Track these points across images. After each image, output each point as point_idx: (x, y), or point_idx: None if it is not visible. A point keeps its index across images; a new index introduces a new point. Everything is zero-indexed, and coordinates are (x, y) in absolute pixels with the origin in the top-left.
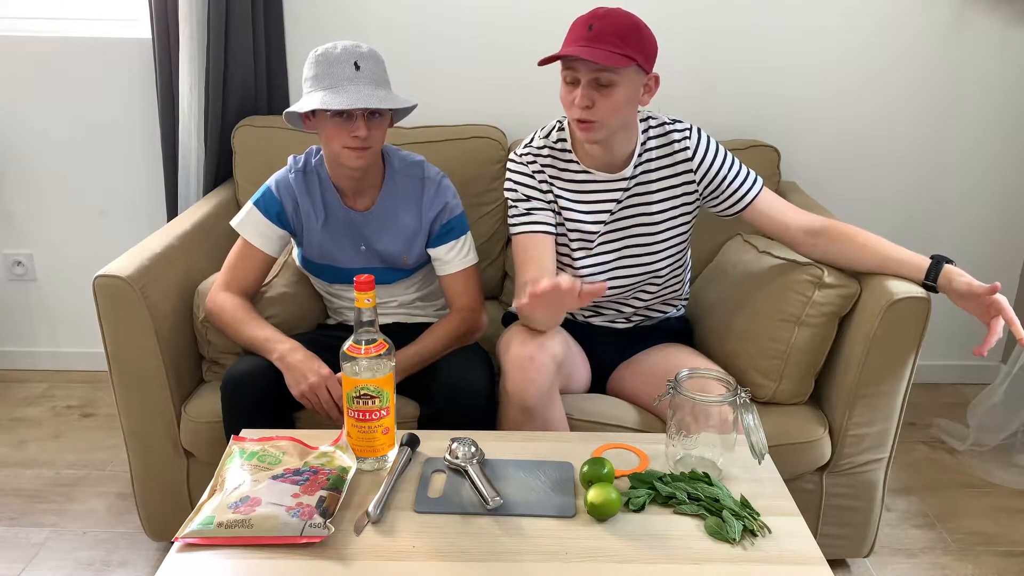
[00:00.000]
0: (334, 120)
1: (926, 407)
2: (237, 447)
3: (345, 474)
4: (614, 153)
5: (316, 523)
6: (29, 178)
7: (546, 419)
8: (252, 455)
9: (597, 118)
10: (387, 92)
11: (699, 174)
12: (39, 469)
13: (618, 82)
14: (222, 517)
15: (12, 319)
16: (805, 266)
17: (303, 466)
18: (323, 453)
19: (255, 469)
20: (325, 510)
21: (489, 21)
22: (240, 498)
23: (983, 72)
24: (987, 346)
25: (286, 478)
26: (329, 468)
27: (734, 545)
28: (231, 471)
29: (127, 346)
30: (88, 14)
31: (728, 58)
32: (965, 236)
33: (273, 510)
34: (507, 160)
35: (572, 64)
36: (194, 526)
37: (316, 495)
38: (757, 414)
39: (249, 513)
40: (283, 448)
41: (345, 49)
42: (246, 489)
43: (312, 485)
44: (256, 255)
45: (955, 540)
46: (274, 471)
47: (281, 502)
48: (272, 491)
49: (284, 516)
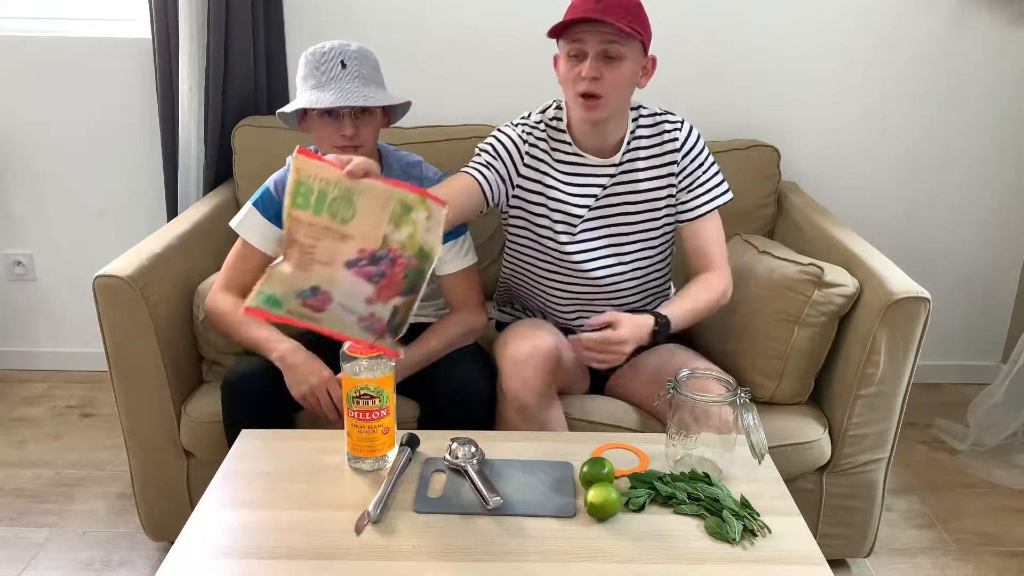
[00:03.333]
0: (322, 120)
1: (926, 407)
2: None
3: (426, 262)
4: (607, 137)
5: (387, 342)
6: (29, 178)
7: (543, 419)
8: (321, 202)
9: (604, 92)
10: (374, 90)
11: (681, 165)
12: (39, 469)
13: (625, 56)
14: (290, 304)
15: (12, 319)
16: (805, 266)
17: (381, 248)
18: (405, 215)
19: (325, 232)
20: (397, 325)
21: (488, 21)
22: (310, 288)
23: (983, 72)
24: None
25: (361, 267)
26: (409, 254)
27: (734, 545)
28: (300, 225)
29: (127, 346)
30: (88, 14)
31: (728, 58)
32: (965, 236)
33: (344, 316)
34: (499, 127)
35: (580, 36)
36: (261, 302)
37: (390, 304)
38: (757, 414)
39: (318, 312)
40: (352, 186)
41: (333, 48)
42: (317, 275)
43: (388, 285)
44: (256, 255)
45: (955, 540)
46: (346, 248)
47: (353, 307)
48: (344, 288)
49: (355, 327)
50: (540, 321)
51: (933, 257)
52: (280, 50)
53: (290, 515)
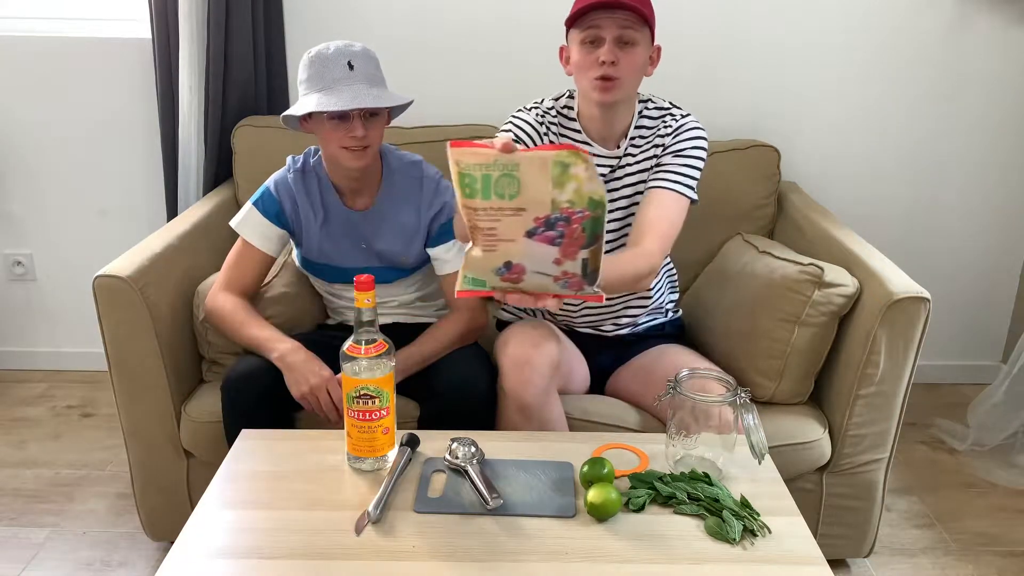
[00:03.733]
0: (331, 122)
1: (926, 407)
2: (458, 170)
3: (598, 209)
4: (614, 125)
5: (588, 291)
6: (29, 178)
7: (544, 419)
8: (487, 186)
9: (620, 76)
10: (382, 90)
11: (664, 146)
12: (39, 469)
13: (639, 41)
14: (492, 281)
15: (12, 319)
16: (805, 266)
17: (553, 211)
18: (565, 174)
19: (499, 212)
20: (592, 273)
21: (488, 21)
22: (503, 264)
23: (984, 72)
24: None
25: (540, 234)
26: (580, 209)
27: (734, 545)
28: (477, 212)
29: (127, 346)
30: (88, 14)
31: (729, 58)
32: (965, 236)
33: (540, 280)
34: (514, 112)
35: (596, 22)
36: (469, 285)
37: (578, 259)
38: (757, 414)
39: (518, 281)
40: (508, 161)
41: (338, 49)
42: (505, 252)
43: (570, 243)
44: (256, 255)
45: (955, 540)
46: (523, 219)
47: (546, 271)
48: (531, 256)
49: (554, 286)
50: (540, 321)
51: (933, 257)
52: (280, 50)
53: (290, 515)
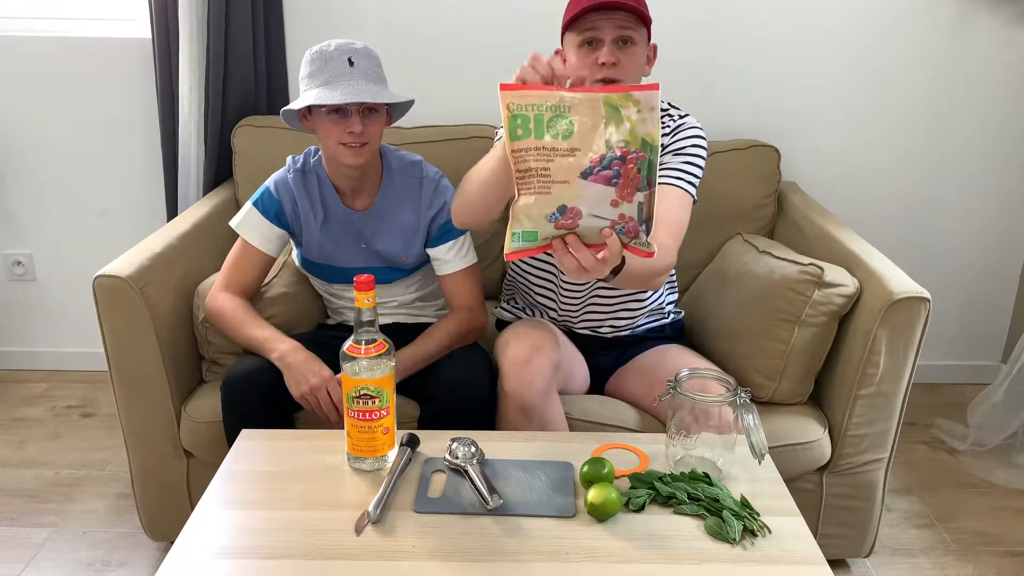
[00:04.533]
0: (330, 117)
1: (926, 407)
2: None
3: (652, 152)
4: None
5: (642, 242)
6: (29, 178)
7: (544, 420)
8: (540, 126)
9: (620, 76)
10: (382, 88)
11: (665, 147)
12: (39, 469)
13: (638, 40)
14: (545, 230)
15: (12, 319)
16: (805, 266)
17: (608, 150)
18: (617, 115)
19: (552, 152)
20: (647, 220)
21: (488, 21)
22: (557, 208)
23: (983, 72)
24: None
25: (596, 174)
26: (635, 148)
27: (734, 545)
28: (528, 152)
29: (127, 346)
30: (88, 14)
31: (729, 58)
32: (965, 236)
33: (598, 223)
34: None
35: (595, 24)
36: (519, 242)
37: (635, 202)
38: (757, 414)
39: (574, 226)
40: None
41: (339, 46)
42: (559, 194)
43: (626, 184)
44: (256, 255)
45: (955, 540)
46: (577, 160)
47: (603, 214)
48: (588, 198)
49: (612, 232)
50: (540, 321)
51: (933, 257)
52: (280, 50)
53: (290, 515)
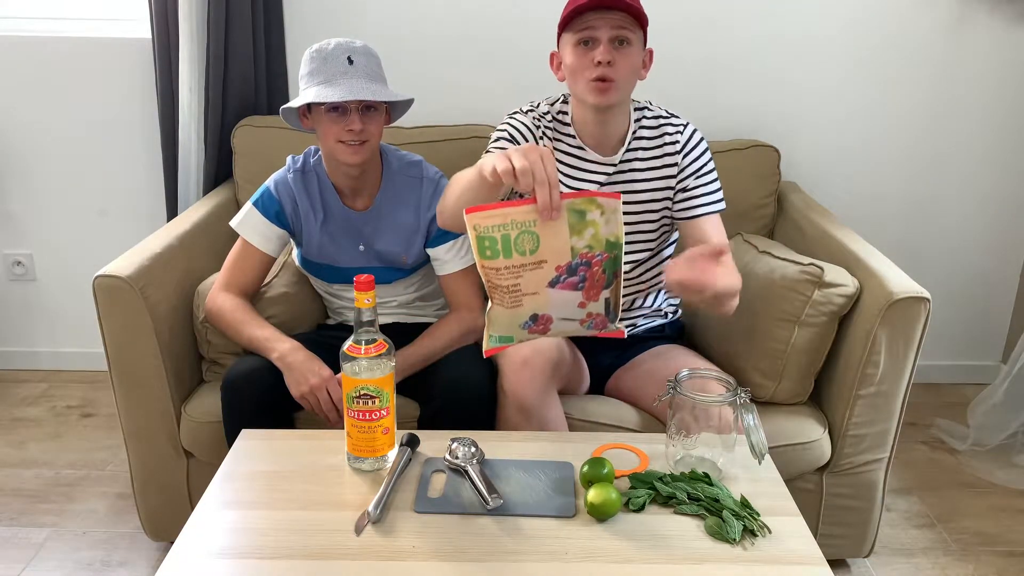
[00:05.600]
0: (329, 115)
1: (926, 407)
2: (476, 234)
3: (616, 250)
4: (609, 131)
5: (611, 328)
6: (29, 178)
7: (544, 419)
8: (507, 246)
9: (616, 77)
10: (381, 86)
11: (680, 165)
12: (39, 469)
13: (634, 41)
14: (519, 335)
15: (12, 319)
16: (805, 266)
17: (573, 258)
18: (582, 221)
19: (521, 268)
20: (614, 310)
21: (488, 21)
22: (529, 317)
23: (983, 72)
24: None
25: (563, 282)
26: (599, 251)
27: (734, 545)
28: (499, 272)
29: (127, 346)
30: (88, 14)
31: (729, 58)
32: (965, 236)
33: (567, 326)
34: (509, 113)
35: (591, 23)
36: (496, 343)
37: (601, 299)
38: (757, 414)
39: (546, 331)
40: (525, 219)
41: (339, 45)
42: (530, 306)
43: (592, 286)
44: (256, 255)
45: (955, 540)
46: (544, 272)
47: (571, 316)
48: (557, 305)
49: (580, 329)
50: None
51: (933, 257)
52: (280, 50)
53: (290, 515)
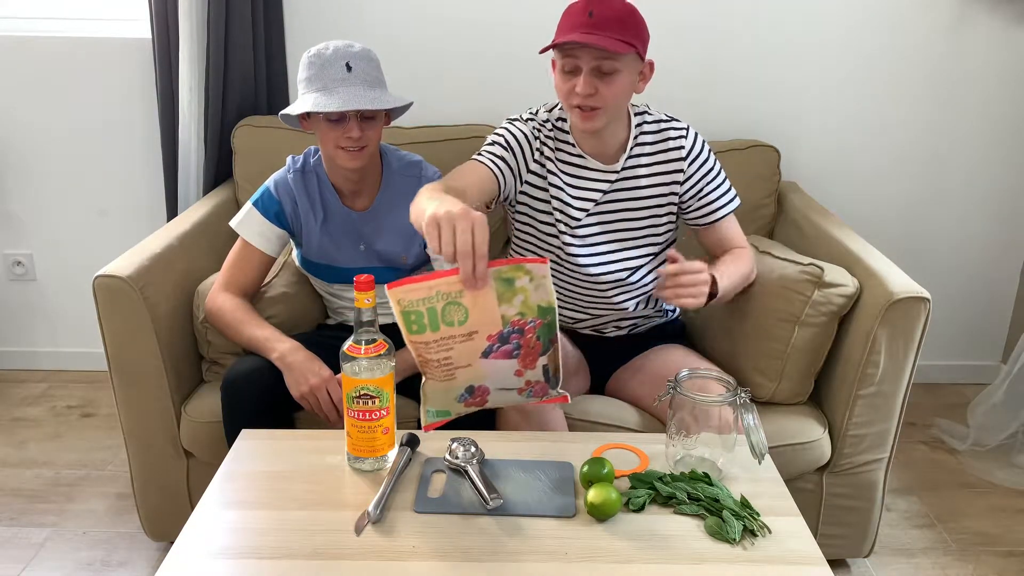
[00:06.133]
0: (327, 123)
1: (926, 407)
2: (400, 309)
3: (549, 315)
4: (606, 142)
5: (553, 394)
6: (29, 178)
7: (543, 420)
8: (434, 319)
9: (600, 104)
10: (379, 92)
11: (688, 173)
12: (39, 469)
13: (620, 69)
14: (456, 408)
15: (12, 319)
16: (805, 266)
17: (504, 325)
18: (510, 289)
19: (451, 340)
20: (555, 376)
21: (488, 21)
22: (465, 390)
23: (983, 72)
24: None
25: (496, 351)
26: (531, 318)
27: (734, 545)
28: (428, 346)
29: (127, 346)
30: (88, 14)
31: (729, 58)
32: (965, 236)
33: (505, 396)
34: (507, 119)
35: (573, 52)
36: (433, 418)
37: (538, 366)
38: (757, 414)
39: (483, 403)
40: (451, 290)
41: (336, 50)
42: (464, 378)
43: (527, 353)
44: (256, 255)
45: (955, 540)
46: (475, 343)
47: (509, 385)
48: (492, 375)
49: (519, 398)
50: None
51: (933, 257)
52: (280, 50)
53: (290, 515)
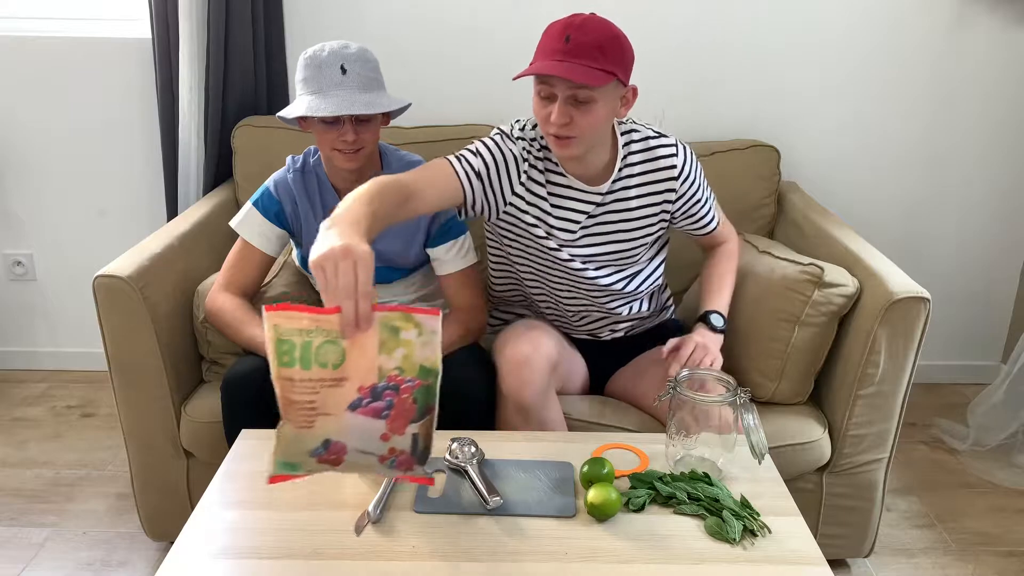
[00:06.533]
0: (323, 125)
1: (926, 407)
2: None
3: (431, 378)
4: (590, 164)
5: (418, 472)
6: (29, 178)
7: (543, 420)
8: (307, 355)
9: (576, 134)
10: (375, 95)
11: (680, 191)
12: (39, 469)
13: (597, 98)
14: (308, 464)
15: (12, 319)
16: (805, 266)
17: (380, 380)
18: (395, 339)
19: (319, 383)
20: (423, 452)
21: (488, 21)
22: (321, 443)
23: (983, 72)
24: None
25: (365, 406)
26: (411, 376)
27: (734, 545)
28: (294, 384)
29: (127, 346)
30: (88, 14)
31: (729, 58)
32: (965, 236)
33: (364, 459)
34: (498, 130)
35: (548, 79)
36: (281, 469)
37: (407, 434)
38: (757, 414)
39: (339, 463)
40: (333, 328)
41: (332, 52)
42: (323, 429)
43: (399, 415)
44: (255, 255)
45: (955, 540)
46: (345, 391)
47: (371, 448)
48: (355, 432)
49: (379, 467)
50: (538, 321)
51: (933, 257)
52: (280, 50)
53: (290, 515)
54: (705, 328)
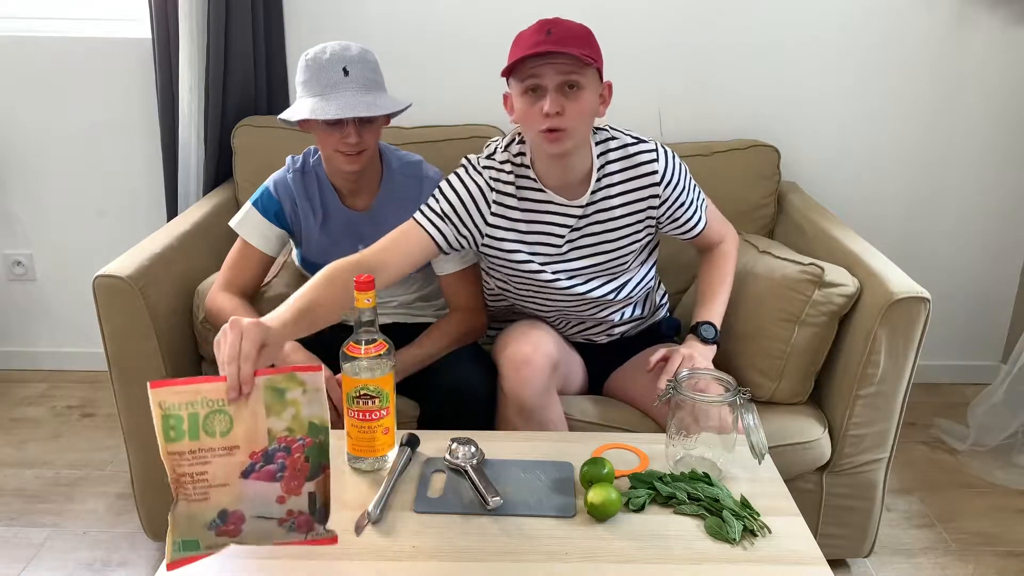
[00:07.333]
0: (325, 126)
1: (926, 407)
2: (161, 413)
3: (321, 434)
4: (571, 172)
5: (319, 532)
6: (29, 178)
7: (543, 420)
8: (195, 426)
9: (568, 125)
10: (376, 96)
11: (663, 196)
12: (39, 469)
13: (584, 85)
14: (207, 540)
15: (12, 319)
16: (805, 266)
17: (270, 443)
18: (280, 400)
19: (209, 453)
20: (322, 509)
21: (488, 20)
22: (217, 515)
23: (983, 72)
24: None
25: (258, 471)
26: (300, 435)
27: (734, 545)
28: (183, 456)
29: (127, 346)
30: (88, 14)
31: (729, 58)
32: (965, 236)
33: (263, 525)
34: (464, 162)
35: (536, 71)
36: (179, 551)
37: (303, 493)
38: (757, 414)
39: (237, 533)
40: (218, 397)
41: (334, 53)
42: (218, 500)
43: (293, 476)
44: (255, 255)
45: (955, 540)
46: (236, 458)
47: (268, 513)
48: (251, 499)
49: (279, 531)
50: (538, 321)
51: (933, 257)
52: (280, 50)
53: None
54: (695, 340)
